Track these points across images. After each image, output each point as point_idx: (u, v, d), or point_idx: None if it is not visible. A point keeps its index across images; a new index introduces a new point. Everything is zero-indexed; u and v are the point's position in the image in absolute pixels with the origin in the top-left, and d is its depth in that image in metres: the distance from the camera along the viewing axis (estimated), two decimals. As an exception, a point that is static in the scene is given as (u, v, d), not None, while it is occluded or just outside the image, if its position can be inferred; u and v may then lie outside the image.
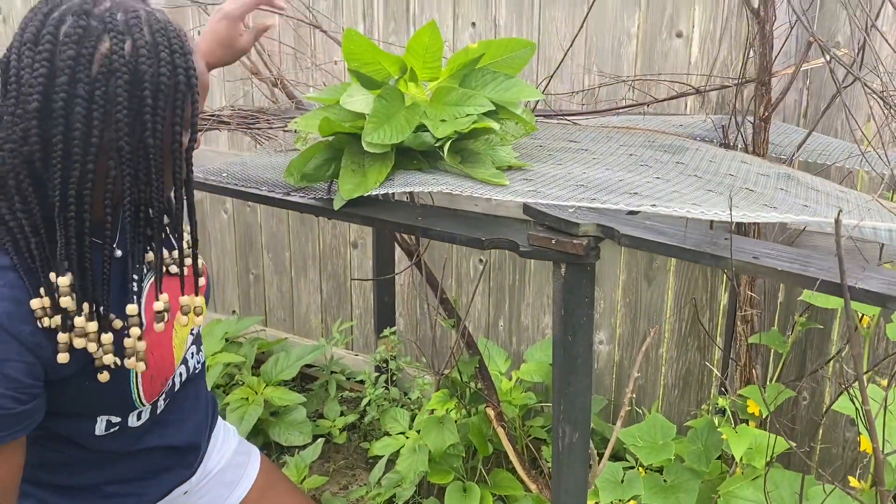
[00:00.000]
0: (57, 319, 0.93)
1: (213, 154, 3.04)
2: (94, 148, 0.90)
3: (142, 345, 1.02)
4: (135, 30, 0.90)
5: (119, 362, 1.00)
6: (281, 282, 3.19)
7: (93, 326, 0.95)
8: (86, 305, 0.95)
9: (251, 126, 1.70)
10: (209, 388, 2.03)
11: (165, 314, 1.06)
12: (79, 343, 0.95)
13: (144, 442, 1.18)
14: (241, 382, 2.68)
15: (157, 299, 1.04)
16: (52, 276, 0.92)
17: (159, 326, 1.05)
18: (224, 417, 2.47)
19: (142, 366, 1.02)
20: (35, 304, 0.92)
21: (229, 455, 1.42)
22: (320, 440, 2.47)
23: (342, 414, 2.77)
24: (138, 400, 1.10)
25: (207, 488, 1.36)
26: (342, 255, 2.97)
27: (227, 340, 2.88)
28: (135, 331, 1.01)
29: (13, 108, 0.88)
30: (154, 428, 1.20)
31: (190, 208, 1.01)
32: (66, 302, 0.92)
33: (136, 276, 1.02)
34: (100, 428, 1.10)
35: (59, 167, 0.89)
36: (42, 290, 0.92)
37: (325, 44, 2.69)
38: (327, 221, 2.97)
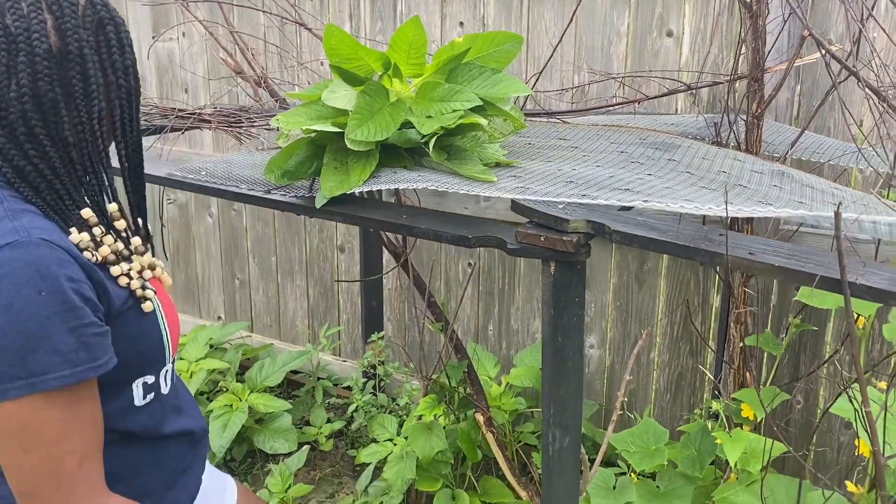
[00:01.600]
0: (103, 251, 0.98)
1: (197, 157, 2.99)
2: (103, 87, 0.99)
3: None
4: None
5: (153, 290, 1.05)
6: (267, 287, 3.14)
7: (137, 241, 1.05)
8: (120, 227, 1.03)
9: (233, 125, 1.66)
10: (196, 395, 1.97)
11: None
12: (122, 268, 1.00)
13: (169, 423, 1.13)
14: (225, 389, 2.62)
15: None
16: (83, 211, 0.98)
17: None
18: (207, 424, 2.42)
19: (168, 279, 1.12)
20: (75, 238, 0.95)
21: (208, 476, 1.37)
22: (306, 447, 2.42)
23: (329, 421, 2.72)
24: (168, 349, 1.10)
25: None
26: (329, 260, 2.93)
27: (211, 346, 2.82)
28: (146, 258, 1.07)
29: (9, 60, 0.93)
30: (171, 412, 1.15)
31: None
32: (121, 225, 1.03)
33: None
34: (139, 395, 1.06)
35: (82, 105, 0.97)
36: (75, 228, 0.96)
37: (310, 43, 2.65)
38: (314, 225, 2.92)
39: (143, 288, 1.03)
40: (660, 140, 1.49)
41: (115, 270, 0.99)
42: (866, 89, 1.19)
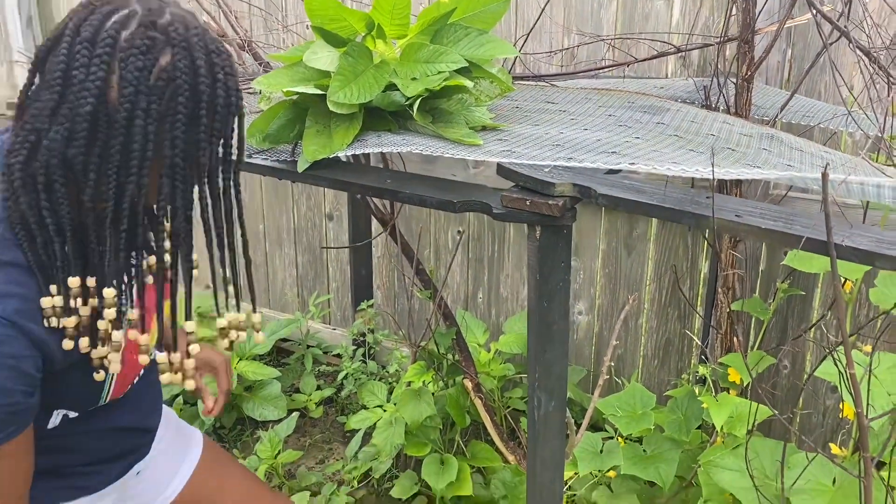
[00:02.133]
0: (69, 320, 0.91)
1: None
2: (149, 162, 0.88)
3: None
4: (195, 47, 0.88)
5: (118, 362, 0.97)
6: (255, 255, 3.12)
7: (103, 325, 0.94)
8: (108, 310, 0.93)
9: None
10: None
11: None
12: (84, 343, 0.93)
13: (91, 424, 1.13)
14: (214, 357, 2.62)
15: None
16: (72, 279, 0.91)
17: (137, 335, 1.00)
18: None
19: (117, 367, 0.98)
20: (46, 302, 0.90)
21: (171, 434, 1.38)
22: (295, 414, 2.43)
23: (318, 388, 2.72)
24: (105, 397, 1.08)
25: (155, 465, 1.32)
26: (318, 228, 2.91)
27: (200, 315, 2.81)
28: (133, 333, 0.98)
29: (56, 105, 0.85)
30: (104, 412, 1.15)
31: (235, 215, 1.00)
32: (110, 314, 0.93)
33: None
34: (53, 422, 1.06)
35: (113, 178, 0.87)
36: (54, 290, 0.90)
37: (296, 6, 2.60)
38: (301, 193, 2.90)
39: (101, 361, 0.96)
40: (648, 103, 1.48)
41: (66, 344, 0.92)
42: (857, 50, 1.17)
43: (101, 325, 0.94)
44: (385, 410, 2.24)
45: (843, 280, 1.49)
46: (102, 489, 1.21)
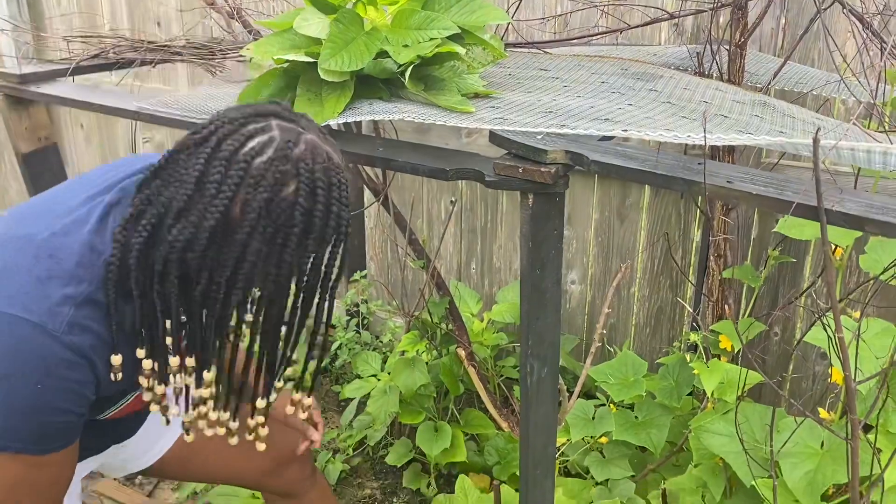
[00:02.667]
0: (157, 387, 1.03)
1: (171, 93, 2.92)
2: (257, 279, 0.95)
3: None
4: (319, 181, 0.93)
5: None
6: (248, 226, 3.12)
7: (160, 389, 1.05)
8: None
9: (205, 57, 1.61)
10: None
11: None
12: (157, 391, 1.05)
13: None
14: (208, 328, 2.62)
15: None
16: (138, 350, 1.00)
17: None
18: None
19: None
20: (115, 360, 0.98)
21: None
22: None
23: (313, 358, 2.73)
24: (107, 414, 1.17)
25: (144, 430, 1.36)
26: (310, 198, 2.90)
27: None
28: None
29: (183, 207, 0.92)
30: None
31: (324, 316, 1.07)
32: (205, 392, 1.04)
33: None
34: None
35: (222, 287, 0.94)
36: (141, 353, 1.00)
37: (285, -25, 2.56)
38: (294, 163, 2.88)
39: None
40: (641, 70, 1.47)
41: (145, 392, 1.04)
42: (850, 16, 1.16)
43: (159, 389, 1.04)
44: (379, 379, 2.26)
45: (833, 247, 1.50)
46: (84, 459, 1.24)
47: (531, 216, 1.06)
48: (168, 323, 0.98)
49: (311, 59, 1.18)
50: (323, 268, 0.99)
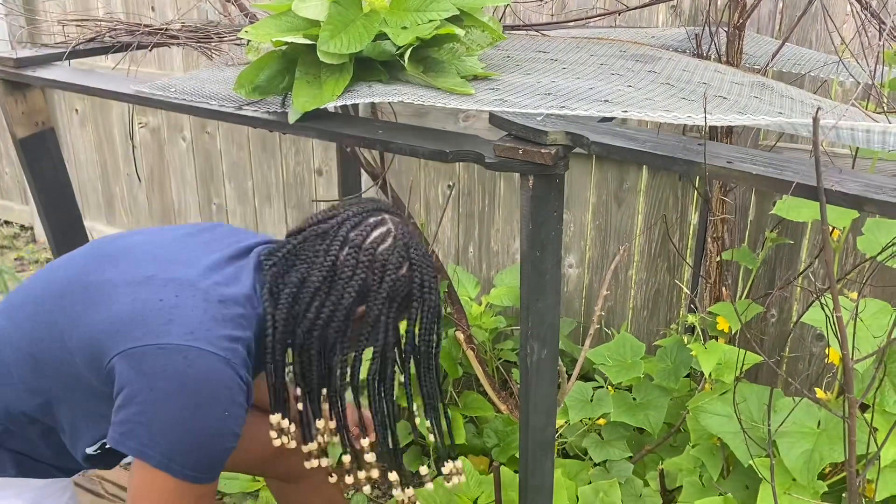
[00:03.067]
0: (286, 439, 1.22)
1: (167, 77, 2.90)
2: (380, 346, 1.16)
3: None
4: (423, 266, 1.16)
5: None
6: (245, 212, 3.11)
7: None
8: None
9: (201, 41, 1.60)
10: None
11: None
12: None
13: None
14: (206, 313, 2.62)
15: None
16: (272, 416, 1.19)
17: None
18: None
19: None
20: (274, 419, 1.19)
21: None
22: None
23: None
24: None
25: None
26: (307, 183, 2.90)
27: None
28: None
29: (319, 287, 1.12)
30: None
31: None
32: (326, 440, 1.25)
33: None
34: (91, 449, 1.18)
35: (356, 355, 1.16)
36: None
37: (281, -42, 2.54)
38: (290, 148, 2.88)
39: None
40: (640, 52, 1.47)
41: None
42: (850, -4, 1.16)
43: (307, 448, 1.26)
44: (378, 363, 2.26)
45: (830, 228, 1.50)
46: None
47: (531, 198, 1.06)
48: (298, 389, 1.18)
49: (310, 42, 1.17)
50: (434, 335, 1.20)
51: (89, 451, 1.15)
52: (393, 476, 1.26)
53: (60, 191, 1.75)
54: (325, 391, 1.20)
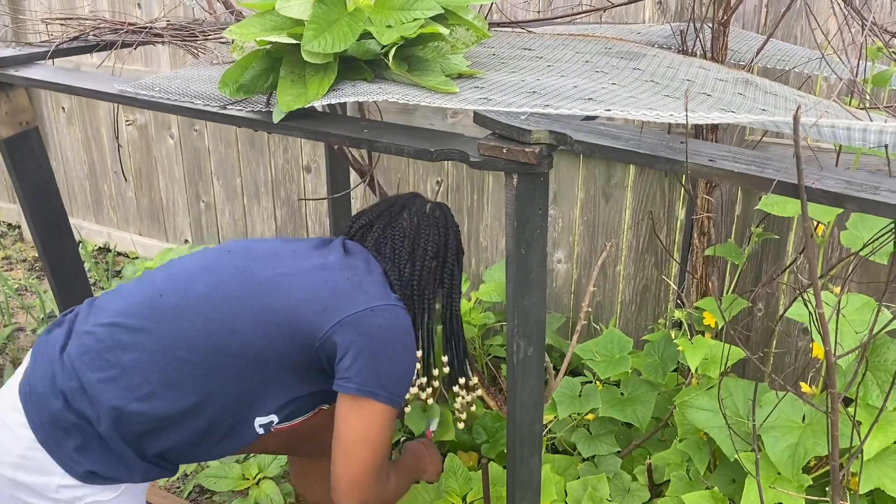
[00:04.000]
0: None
1: (153, 76, 2.89)
2: (448, 289, 1.57)
3: None
4: (450, 220, 1.56)
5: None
6: (233, 209, 3.11)
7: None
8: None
9: (187, 39, 1.60)
10: None
11: None
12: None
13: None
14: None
15: None
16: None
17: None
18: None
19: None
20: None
21: None
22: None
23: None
24: None
25: None
26: (295, 180, 2.89)
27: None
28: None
29: (412, 250, 1.48)
30: None
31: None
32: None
33: None
34: (260, 425, 1.38)
35: (449, 296, 1.57)
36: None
37: (267, -46, 2.53)
38: (278, 146, 2.87)
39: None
40: (625, 49, 1.47)
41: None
42: (832, -7, 1.17)
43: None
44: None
45: (815, 223, 1.51)
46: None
47: (516, 196, 1.06)
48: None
49: (294, 41, 1.17)
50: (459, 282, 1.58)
51: (260, 420, 1.36)
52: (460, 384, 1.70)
53: (45, 190, 1.74)
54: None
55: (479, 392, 1.74)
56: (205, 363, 1.29)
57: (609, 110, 1.01)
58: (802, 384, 1.53)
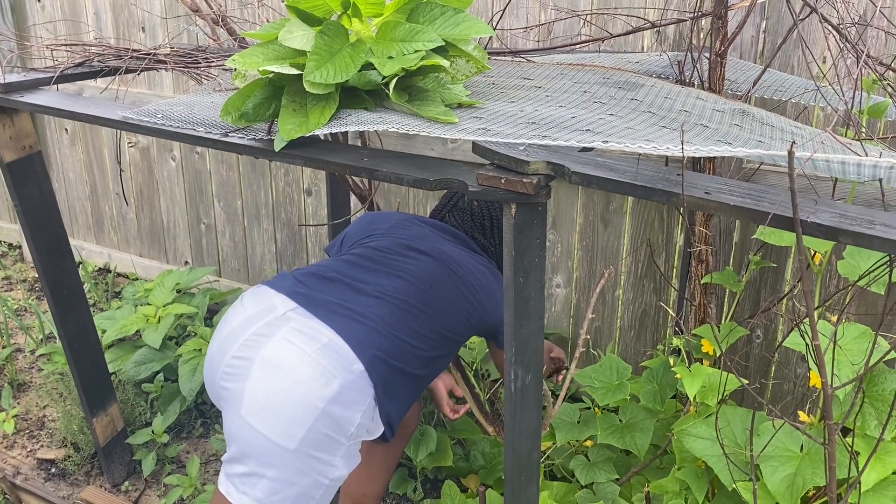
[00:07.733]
0: None
1: (157, 99, 2.91)
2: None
3: None
4: None
5: None
6: (234, 231, 3.12)
7: None
8: None
9: (189, 65, 1.62)
10: (164, 340, 2.34)
11: None
12: None
13: None
14: (193, 333, 2.62)
15: None
16: None
17: None
18: (176, 369, 2.42)
19: None
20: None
21: None
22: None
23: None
24: None
25: None
26: (296, 203, 2.90)
27: (178, 291, 2.81)
28: None
29: (484, 229, 1.82)
30: None
31: None
32: None
33: None
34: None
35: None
36: None
37: (270, -20, 2.57)
38: (279, 168, 2.89)
39: None
40: (623, 79, 1.49)
41: None
42: (826, 25, 1.18)
43: None
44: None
45: (812, 252, 1.52)
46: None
47: (514, 226, 1.07)
48: None
49: (297, 71, 1.19)
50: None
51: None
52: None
53: (46, 213, 1.75)
54: None
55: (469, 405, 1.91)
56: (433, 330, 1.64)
57: (606, 142, 1.02)
58: (801, 413, 1.53)
